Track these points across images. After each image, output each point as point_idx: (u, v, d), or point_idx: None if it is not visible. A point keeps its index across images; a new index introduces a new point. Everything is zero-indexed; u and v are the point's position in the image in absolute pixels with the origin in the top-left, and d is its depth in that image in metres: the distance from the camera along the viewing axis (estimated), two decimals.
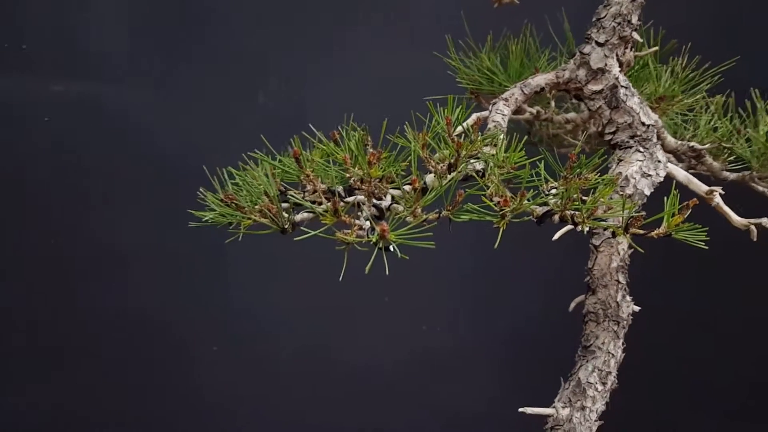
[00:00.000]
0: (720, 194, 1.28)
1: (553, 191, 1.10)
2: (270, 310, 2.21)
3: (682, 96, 1.49)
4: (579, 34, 1.52)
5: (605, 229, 1.16)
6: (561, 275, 1.82)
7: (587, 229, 1.00)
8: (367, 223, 1.01)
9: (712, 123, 1.48)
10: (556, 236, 1.16)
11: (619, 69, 1.32)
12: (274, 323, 2.23)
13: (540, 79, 1.32)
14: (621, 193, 1.25)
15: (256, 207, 1.03)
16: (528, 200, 1.01)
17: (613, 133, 1.32)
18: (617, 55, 1.31)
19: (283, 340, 2.23)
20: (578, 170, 1.03)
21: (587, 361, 1.26)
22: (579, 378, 1.25)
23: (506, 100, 1.30)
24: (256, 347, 2.23)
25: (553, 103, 1.49)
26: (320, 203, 1.10)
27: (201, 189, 1.17)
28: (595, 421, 1.24)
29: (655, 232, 1.02)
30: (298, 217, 1.07)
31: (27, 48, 2.07)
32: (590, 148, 1.61)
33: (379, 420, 2.23)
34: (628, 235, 0.99)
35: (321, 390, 2.23)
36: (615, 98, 1.31)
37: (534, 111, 1.48)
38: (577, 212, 1.00)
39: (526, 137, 1.15)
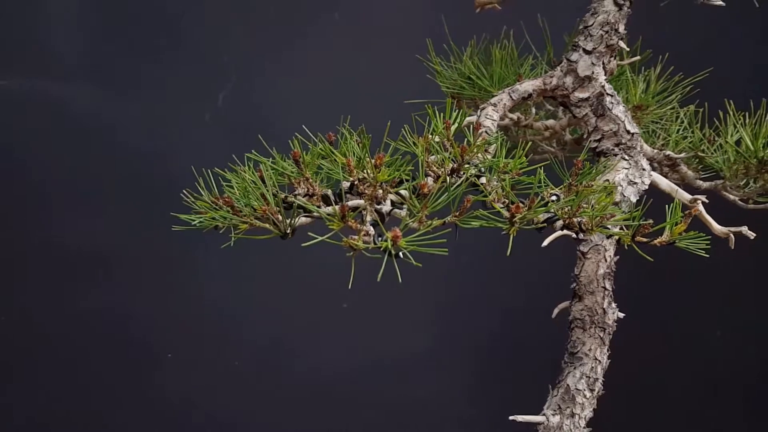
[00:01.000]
0: (703, 203, 1.30)
1: (553, 198, 1.10)
2: (233, 313, 2.15)
3: (655, 105, 1.51)
4: (558, 41, 1.53)
5: (609, 237, 1.16)
6: (536, 279, 1.84)
7: (592, 236, 1.00)
8: (372, 228, 0.99)
9: (681, 132, 1.51)
10: (546, 242, 1.16)
11: (604, 76, 1.33)
12: (237, 326, 2.17)
13: (528, 86, 1.32)
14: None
15: (255, 210, 0.99)
16: (537, 207, 1.00)
17: (599, 140, 1.33)
18: (603, 63, 1.32)
19: (246, 344, 2.17)
20: (584, 178, 1.03)
21: (575, 368, 1.26)
22: (567, 385, 1.25)
23: (494, 105, 1.29)
24: (217, 351, 2.16)
25: (534, 110, 1.49)
26: (318, 206, 1.07)
27: (185, 191, 1.12)
28: (584, 427, 1.24)
29: (658, 240, 1.02)
30: (298, 219, 1.03)
31: None
32: (564, 155, 1.63)
33: (349, 425, 2.19)
34: (633, 244, 0.99)
35: (284, 394, 2.18)
36: (601, 106, 1.32)
37: (515, 117, 1.48)
38: (584, 220, 1.00)
39: (521, 144, 1.15)
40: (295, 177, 1.05)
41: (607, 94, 1.32)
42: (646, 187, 1.31)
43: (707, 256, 1.02)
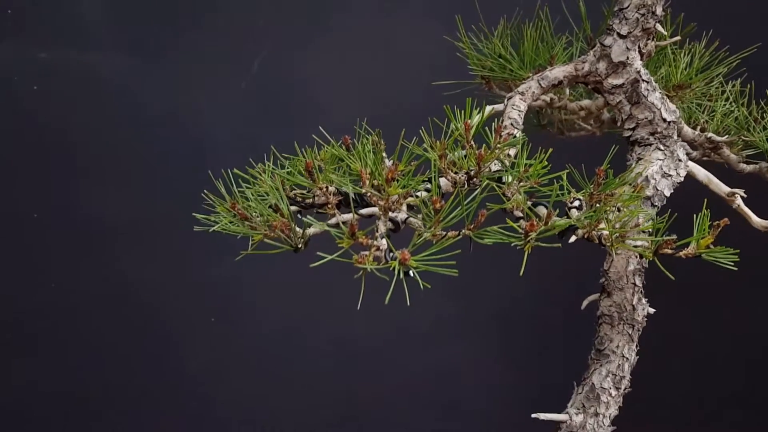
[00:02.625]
0: (741, 196, 1.24)
1: (576, 203, 1.06)
2: (257, 285, 2.14)
3: (699, 82, 1.43)
4: (594, 16, 1.46)
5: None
6: (568, 266, 1.79)
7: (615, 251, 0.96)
8: (384, 242, 0.97)
9: (726, 106, 1.43)
10: (572, 239, 1.12)
11: (640, 61, 1.26)
12: (260, 298, 2.17)
13: (558, 72, 1.26)
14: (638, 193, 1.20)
15: (268, 223, 0.98)
16: (554, 219, 0.96)
17: (633, 129, 1.27)
18: (639, 47, 1.25)
19: (269, 316, 2.17)
20: (606, 188, 0.98)
21: (601, 365, 1.24)
22: (593, 383, 1.23)
23: (522, 94, 1.24)
24: (238, 323, 2.17)
25: (567, 91, 1.43)
26: (332, 214, 1.06)
27: (205, 192, 1.12)
28: (608, 426, 1.23)
29: (684, 252, 0.98)
30: (309, 231, 1.02)
31: (12, 13, 1.97)
32: (601, 133, 1.57)
33: (366, 393, 2.20)
34: (656, 259, 0.95)
35: (305, 365, 2.18)
36: (636, 93, 1.26)
37: (548, 98, 1.42)
38: (605, 233, 0.96)
39: (545, 143, 1.11)
40: (311, 187, 1.04)
41: (643, 80, 1.25)
42: (682, 179, 1.25)
43: (735, 269, 0.97)
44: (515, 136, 1.17)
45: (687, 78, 1.42)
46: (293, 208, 1.11)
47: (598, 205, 0.99)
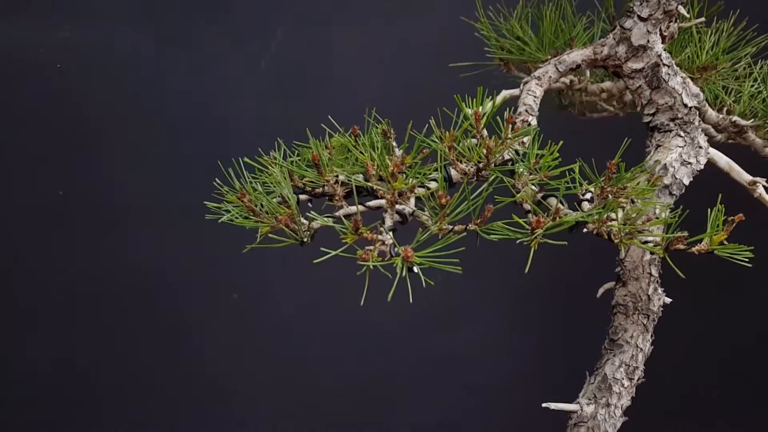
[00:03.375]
0: (764, 186, 1.20)
1: (588, 196, 1.04)
2: (273, 265, 2.14)
3: (726, 63, 1.39)
4: None
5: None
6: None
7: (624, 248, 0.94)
8: (389, 237, 0.96)
9: (755, 87, 1.39)
10: (586, 229, 1.10)
11: (661, 44, 1.22)
12: (278, 278, 2.16)
13: (576, 56, 1.23)
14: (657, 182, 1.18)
15: (275, 217, 0.98)
16: (563, 213, 0.94)
17: (653, 114, 1.24)
18: (660, 30, 1.21)
19: (289, 296, 2.17)
20: (618, 181, 0.96)
21: (614, 356, 1.22)
22: (605, 373, 1.22)
23: (539, 78, 1.22)
24: (261, 301, 2.18)
25: (588, 72, 1.39)
26: (340, 206, 1.05)
27: (216, 181, 1.12)
28: (620, 417, 1.21)
29: (696, 248, 0.96)
30: (316, 224, 1.01)
31: None
32: (624, 114, 1.53)
33: (383, 373, 2.20)
34: (667, 256, 0.93)
35: (322, 345, 2.19)
36: (656, 78, 1.22)
37: (567, 81, 1.39)
38: (614, 230, 0.94)
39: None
40: (316, 179, 1.03)
41: (664, 64, 1.22)
42: (702, 167, 1.22)
43: (750, 266, 0.95)
44: (530, 123, 1.15)
45: (713, 58, 1.38)
46: (303, 196, 1.11)
47: (609, 198, 0.97)
